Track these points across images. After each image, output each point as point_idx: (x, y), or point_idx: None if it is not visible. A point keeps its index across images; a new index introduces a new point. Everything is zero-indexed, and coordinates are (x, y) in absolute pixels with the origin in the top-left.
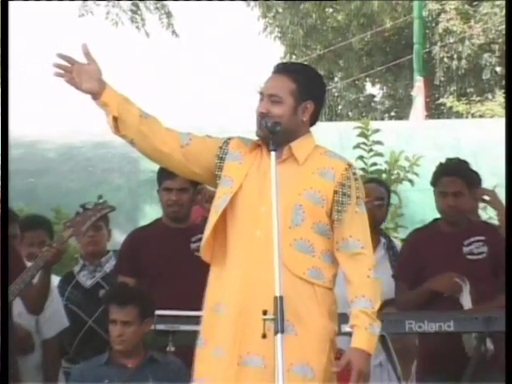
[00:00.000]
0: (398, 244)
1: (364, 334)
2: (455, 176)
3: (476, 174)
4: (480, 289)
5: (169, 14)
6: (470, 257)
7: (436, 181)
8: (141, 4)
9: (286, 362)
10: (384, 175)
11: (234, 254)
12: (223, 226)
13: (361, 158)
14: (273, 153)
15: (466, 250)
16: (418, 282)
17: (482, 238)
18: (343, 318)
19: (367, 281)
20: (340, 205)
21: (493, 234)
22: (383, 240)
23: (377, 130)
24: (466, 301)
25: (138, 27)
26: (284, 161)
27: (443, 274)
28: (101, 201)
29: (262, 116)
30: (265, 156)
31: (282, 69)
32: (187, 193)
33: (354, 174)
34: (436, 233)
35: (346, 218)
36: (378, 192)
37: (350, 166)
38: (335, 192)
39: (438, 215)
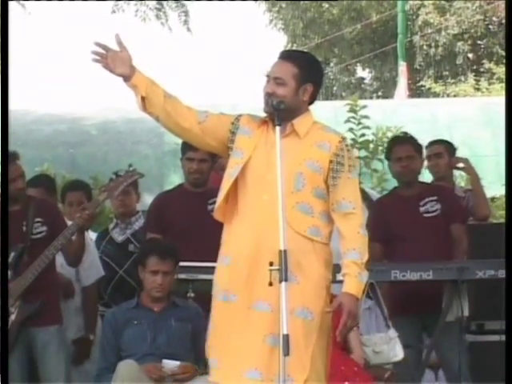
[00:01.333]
0: (374, 194)
1: (354, 281)
2: (406, 143)
3: (450, 144)
4: (437, 241)
5: (186, 13)
6: (426, 215)
7: (389, 152)
8: (164, 3)
9: (289, 307)
10: (371, 145)
11: (244, 214)
12: (235, 191)
13: (351, 130)
14: (277, 127)
15: (422, 209)
16: (388, 239)
17: (435, 197)
18: (337, 268)
19: (357, 236)
20: (335, 172)
21: (444, 192)
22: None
23: (364, 106)
24: None
25: (162, 23)
26: (287, 135)
27: None
28: (131, 169)
29: (269, 95)
30: (271, 131)
31: (286, 55)
32: (207, 163)
33: (347, 145)
34: (396, 198)
35: (339, 183)
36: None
37: (343, 138)
38: (331, 161)
39: None
